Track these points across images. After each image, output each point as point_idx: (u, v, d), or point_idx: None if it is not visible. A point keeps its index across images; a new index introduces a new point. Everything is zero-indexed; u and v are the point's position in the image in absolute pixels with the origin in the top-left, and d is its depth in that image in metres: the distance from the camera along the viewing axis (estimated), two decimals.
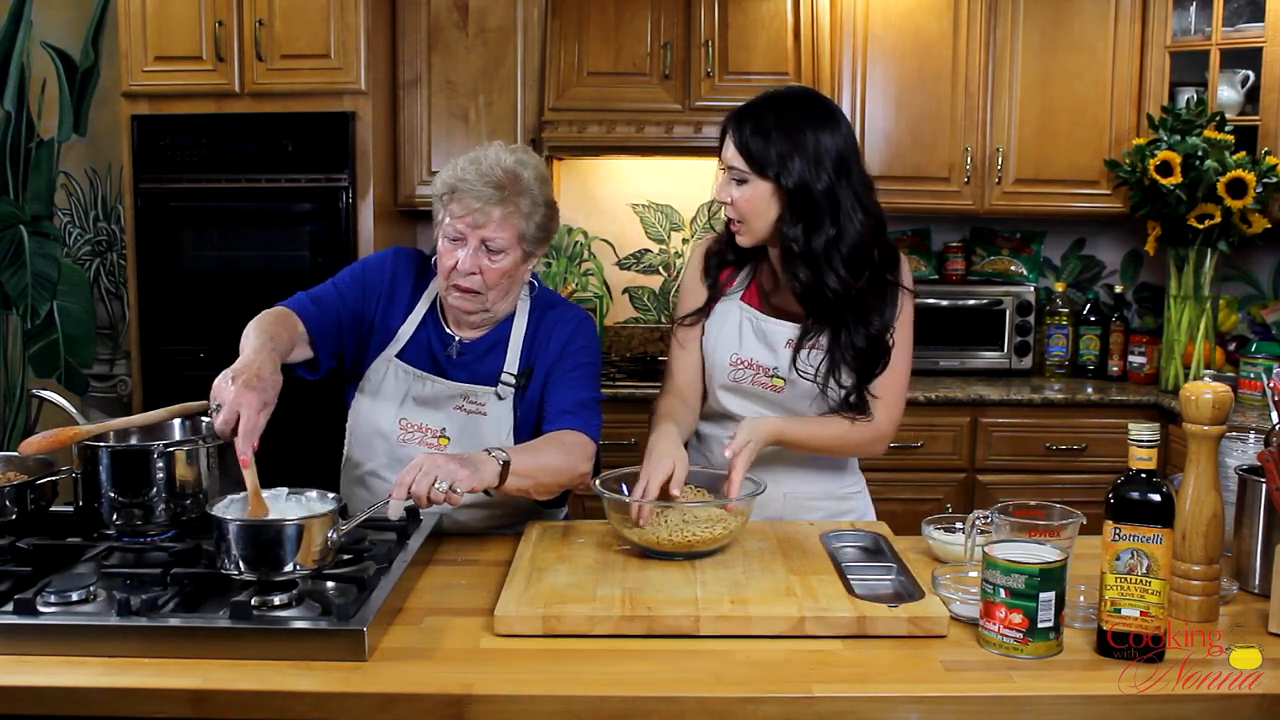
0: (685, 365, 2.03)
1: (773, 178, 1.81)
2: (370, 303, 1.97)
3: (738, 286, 2.00)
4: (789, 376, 1.93)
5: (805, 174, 1.80)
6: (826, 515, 2.01)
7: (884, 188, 3.57)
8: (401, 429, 1.93)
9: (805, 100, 1.88)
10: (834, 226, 1.82)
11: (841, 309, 1.85)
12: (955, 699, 1.30)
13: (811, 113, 1.85)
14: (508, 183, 1.83)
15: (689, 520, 1.69)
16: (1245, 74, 3.54)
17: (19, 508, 1.69)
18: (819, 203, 1.81)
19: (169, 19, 3.39)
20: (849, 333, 1.87)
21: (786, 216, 1.83)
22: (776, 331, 1.95)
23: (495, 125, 3.62)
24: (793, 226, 1.82)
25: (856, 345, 1.87)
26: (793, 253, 1.83)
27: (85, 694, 1.29)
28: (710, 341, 1.99)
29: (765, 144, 1.81)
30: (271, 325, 1.80)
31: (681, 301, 2.06)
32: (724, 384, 1.99)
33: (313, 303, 1.93)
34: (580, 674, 1.34)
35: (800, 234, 1.82)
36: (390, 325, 1.97)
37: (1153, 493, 1.37)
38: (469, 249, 1.83)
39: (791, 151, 1.80)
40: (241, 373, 1.61)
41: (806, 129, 1.81)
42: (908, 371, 1.97)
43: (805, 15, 3.55)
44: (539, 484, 1.77)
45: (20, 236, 4.13)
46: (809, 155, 1.80)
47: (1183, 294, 3.52)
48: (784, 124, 1.81)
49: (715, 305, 2.00)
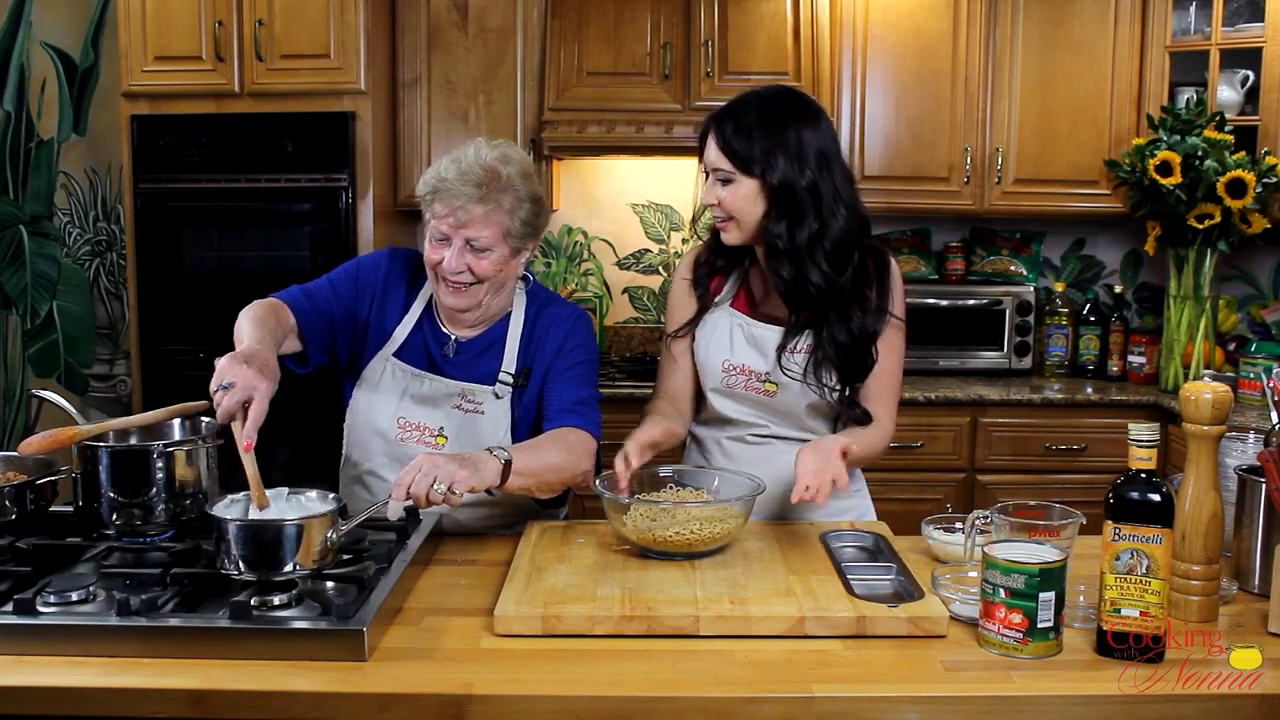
0: (677, 377, 2.04)
1: (758, 175, 1.83)
2: (364, 301, 1.97)
3: (726, 294, 2.00)
4: (781, 381, 1.93)
5: (789, 171, 1.81)
6: (827, 515, 2.01)
7: (884, 188, 3.67)
8: (399, 427, 1.93)
9: (786, 98, 1.90)
10: (817, 221, 1.83)
11: (824, 305, 1.86)
12: (955, 699, 1.29)
13: (793, 110, 1.86)
14: (488, 180, 1.81)
15: (689, 520, 1.69)
16: (1245, 74, 3.54)
17: (19, 508, 1.69)
18: (802, 199, 1.82)
19: (169, 19, 3.39)
20: (830, 329, 1.88)
21: (771, 213, 1.84)
22: (767, 337, 1.95)
23: (495, 125, 3.62)
24: (777, 223, 1.83)
25: (839, 340, 1.88)
26: (777, 249, 1.85)
27: (85, 694, 1.29)
28: (702, 350, 2.00)
29: (749, 143, 1.82)
30: (266, 316, 1.80)
31: (671, 315, 2.06)
32: (716, 388, 1.99)
33: (305, 297, 1.93)
34: (580, 674, 1.34)
35: (784, 230, 1.83)
36: (385, 325, 1.97)
37: (1152, 493, 1.37)
38: (454, 248, 1.83)
39: (775, 149, 1.81)
40: (253, 359, 1.60)
41: (788, 126, 1.83)
42: (900, 372, 1.99)
43: (805, 15, 3.55)
44: (542, 482, 1.77)
45: (20, 236, 4.13)
46: (791, 152, 1.81)
47: (1182, 294, 3.52)
48: (766, 122, 1.83)
49: (705, 315, 2.00)
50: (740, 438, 2.02)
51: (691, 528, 1.67)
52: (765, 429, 2.00)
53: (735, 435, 2.03)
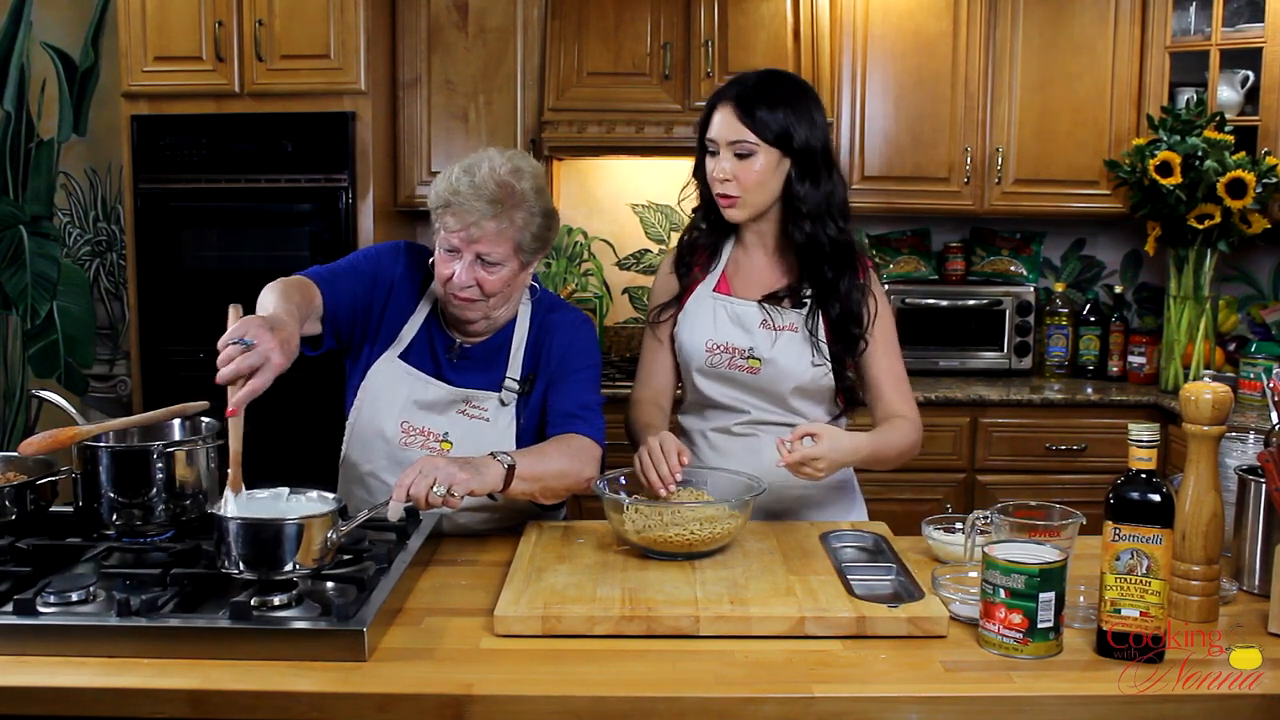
0: (661, 363, 2.09)
1: (782, 143, 1.91)
2: (380, 290, 1.96)
3: (709, 280, 2.05)
4: (765, 357, 1.97)
5: (809, 136, 1.93)
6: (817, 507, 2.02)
7: (884, 188, 3.68)
8: (403, 432, 1.93)
9: (784, 75, 2.04)
10: (830, 182, 1.97)
11: (836, 259, 1.97)
12: (955, 699, 1.29)
13: (797, 85, 2.00)
14: (503, 196, 1.79)
15: (688, 520, 1.68)
16: (1245, 74, 3.54)
17: (19, 508, 1.69)
18: (821, 161, 1.95)
19: (169, 19, 3.39)
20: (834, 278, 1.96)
21: (794, 177, 1.94)
22: (748, 314, 2.00)
23: (495, 125, 3.62)
24: (801, 184, 1.94)
25: (841, 291, 1.97)
26: (800, 211, 1.94)
27: (85, 694, 1.29)
28: (685, 331, 2.03)
29: (772, 113, 1.91)
30: (295, 293, 1.76)
31: (654, 299, 2.12)
32: (701, 368, 2.02)
33: (332, 279, 1.90)
34: (580, 674, 1.34)
35: (809, 190, 1.94)
36: (394, 319, 1.96)
37: (1152, 493, 1.37)
38: (465, 262, 1.81)
39: (797, 118, 1.92)
40: (279, 329, 1.54)
41: (800, 98, 1.95)
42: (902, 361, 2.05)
43: (805, 15, 3.55)
44: (545, 488, 1.77)
45: (20, 236, 4.12)
46: (806, 118, 1.93)
47: (1182, 294, 3.52)
48: (778, 94, 1.93)
49: (687, 299, 2.04)
50: (726, 428, 2.04)
51: (691, 528, 1.67)
52: (749, 414, 2.01)
53: (721, 426, 2.04)
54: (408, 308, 1.97)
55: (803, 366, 1.96)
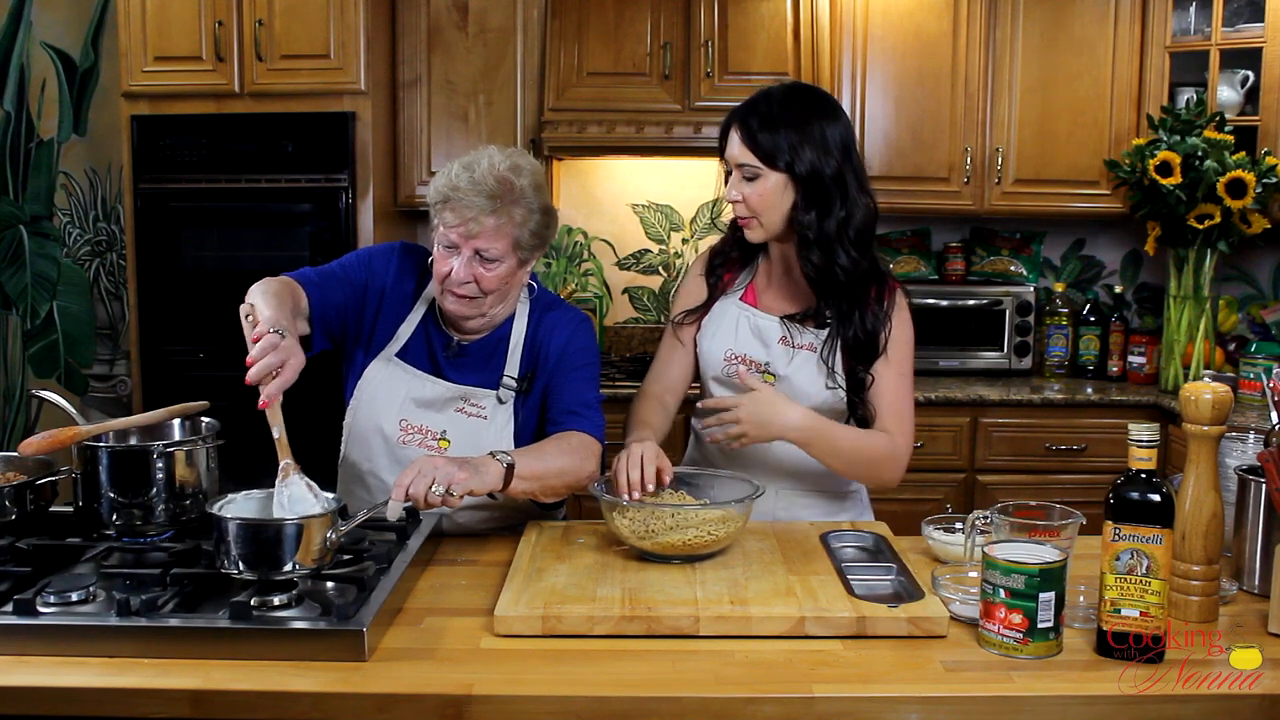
0: (677, 363, 2.07)
1: (785, 168, 1.86)
2: (373, 293, 1.96)
3: (737, 288, 2.03)
4: (781, 373, 1.95)
5: (816, 161, 1.85)
6: (823, 514, 2.01)
7: (884, 188, 3.64)
8: (402, 430, 1.93)
9: (804, 92, 1.95)
10: (843, 209, 1.88)
11: (851, 288, 1.90)
12: (955, 699, 1.29)
13: (812, 103, 1.91)
14: (501, 192, 1.80)
15: (687, 523, 1.68)
16: (1245, 74, 3.54)
17: (19, 508, 1.69)
18: (830, 188, 1.87)
19: (169, 19, 3.39)
20: (850, 307, 1.91)
21: (800, 204, 1.87)
22: (770, 328, 1.97)
23: (495, 125, 3.62)
24: (805, 213, 1.87)
25: (858, 319, 1.91)
26: (808, 239, 1.88)
27: (85, 694, 1.29)
28: (707, 339, 2.02)
29: (774, 136, 1.85)
30: (283, 294, 1.78)
31: (680, 300, 2.09)
32: (718, 376, 2.01)
33: (319, 281, 1.91)
34: (580, 674, 1.34)
35: (814, 219, 1.87)
36: (389, 320, 1.96)
37: (1152, 493, 1.37)
38: (463, 258, 1.82)
39: (801, 141, 1.85)
40: (290, 333, 1.62)
41: (811, 118, 1.87)
42: (910, 388, 1.98)
43: (805, 15, 3.55)
44: (545, 486, 1.77)
45: (20, 236, 4.13)
46: (816, 143, 1.86)
47: (1182, 294, 3.52)
48: (789, 116, 1.86)
49: (714, 304, 2.03)
50: None
51: (690, 531, 1.67)
52: None
53: None
54: (402, 310, 1.97)
55: (816, 388, 1.94)
